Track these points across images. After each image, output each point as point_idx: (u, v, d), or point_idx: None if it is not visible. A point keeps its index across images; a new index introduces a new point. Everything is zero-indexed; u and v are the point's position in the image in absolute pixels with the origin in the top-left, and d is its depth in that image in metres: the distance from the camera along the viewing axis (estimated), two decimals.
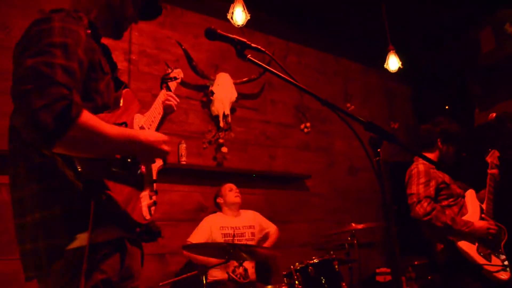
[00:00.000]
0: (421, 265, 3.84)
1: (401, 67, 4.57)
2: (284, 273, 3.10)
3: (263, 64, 1.50)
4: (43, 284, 1.31)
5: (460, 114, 5.57)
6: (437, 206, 2.91)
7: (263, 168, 4.53)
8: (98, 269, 1.26)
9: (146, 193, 1.46)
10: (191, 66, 4.15)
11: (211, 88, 4.18)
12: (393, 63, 4.56)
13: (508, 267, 2.88)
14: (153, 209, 1.47)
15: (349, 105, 5.51)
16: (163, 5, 4.14)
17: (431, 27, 5.36)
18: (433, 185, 2.98)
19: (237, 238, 3.48)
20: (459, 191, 3.11)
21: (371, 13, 4.71)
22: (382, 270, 4.41)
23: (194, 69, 4.16)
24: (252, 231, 3.66)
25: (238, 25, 3.60)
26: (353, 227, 3.57)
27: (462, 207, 3.05)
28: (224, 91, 4.17)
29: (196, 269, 3.02)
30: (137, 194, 1.40)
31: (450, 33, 5.50)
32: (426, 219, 2.86)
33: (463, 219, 2.93)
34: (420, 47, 5.71)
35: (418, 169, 3.06)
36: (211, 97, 4.18)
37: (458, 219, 2.89)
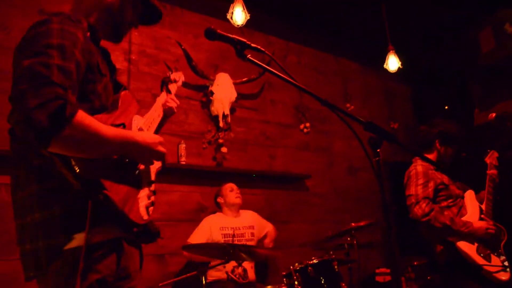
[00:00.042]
0: (420, 266, 3.83)
1: (400, 67, 4.57)
2: (283, 273, 3.10)
3: (263, 64, 1.50)
4: (42, 284, 1.32)
5: (460, 114, 5.58)
6: (435, 207, 2.91)
7: (263, 168, 4.52)
8: (93, 269, 1.27)
9: (144, 194, 1.46)
10: (190, 66, 4.15)
11: (210, 88, 4.18)
12: (392, 63, 4.56)
13: (508, 268, 2.88)
14: (151, 209, 1.48)
15: (348, 105, 5.51)
16: (163, 5, 4.18)
17: (431, 27, 5.36)
18: (432, 186, 2.99)
19: (237, 238, 3.48)
20: (458, 192, 3.11)
21: (371, 13, 4.71)
22: (381, 270, 4.41)
23: (193, 69, 4.16)
24: (251, 231, 3.66)
25: (237, 25, 3.60)
26: (353, 226, 3.56)
27: (461, 208, 3.05)
28: (223, 91, 4.16)
29: (195, 269, 3.02)
30: (135, 194, 1.41)
31: (450, 33, 5.50)
32: (424, 220, 2.86)
33: (462, 219, 2.93)
34: (420, 47, 5.71)
35: (416, 170, 3.06)
36: (211, 97, 4.18)
37: (457, 220, 2.89)
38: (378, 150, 1.35)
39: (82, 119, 1.22)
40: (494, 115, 3.14)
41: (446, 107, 5.83)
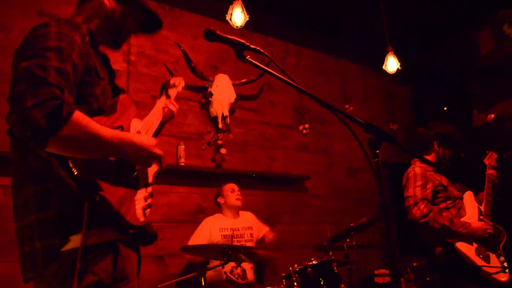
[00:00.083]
0: (420, 266, 3.84)
1: (399, 68, 4.57)
2: (283, 274, 3.09)
3: (262, 65, 1.50)
4: (39, 285, 1.33)
5: (459, 115, 5.58)
6: (434, 208, 2.92)
7: (262, 169, 4.52)
8: (90, 271, 1.28)
9: (141, 196, 1.47)
10: (189, 67, 4.15)
11: (210, 89, 4.18)
12: (391, 64, 4.56)
13: (507, 269, 2.88)
14: (147, 211, 1.48)
15: (347, 106, 5.52)
16: (162, 6, 4.18)
17: (430, 28, 5.36)
18: (430, 188, 2.99)
19: (237, 239, 3.48)
20: (457, 193, 3.11)
21: (370, 14, 4.72)
22: (380, 271, 4.42)
23: (193, 70, 4.16)
24: (250, 232, 3.65)
25: (237, 26, 3.60)
26: (352, 225, 3.55)
27: (460, 209, 3.05)
28: (223, 92, 4.16)
29: (194, 270, 3.02)
30: (132, 196, 1.42)
31: (449, 34, 5.51)
32: (423, 221, 2.86)
33: (461, 220, 2.94)
34: (419, 48, 5.72)
35: (414, 172, 3.07)
36: (210, 98, 4.18)
37: (455, 221, 2.89)
38: (377, 151, 1.35)
39: (79, 119, 1.23)
40: (493, 116, 3.15)
41: (445, 108, 5.83)
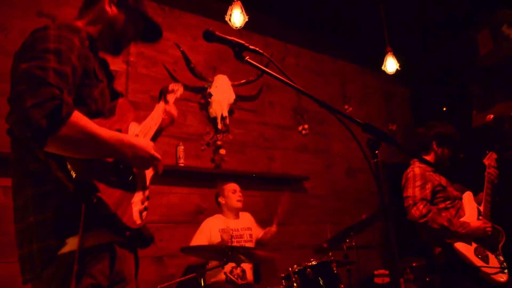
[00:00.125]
0: (419, 267, 3.84)
1: (398, 68, 4.57)
2: (282, 275, 3.09)
3: (261, 66, 1.50)
4: (37, 287, 1.33)
5: (458, 115, 5.58)
6: (433, 208, 2.92)
7: (261, 170, 4.52)
8: (87, 273, 1.29)
9: (138, 199, 1.48)
10: (189, 68, 4.15)
11: (209, 90, 4.18)
12: (390, 64, 4.56)
13: (506, 269, 2.88)
14: (144, 214, 1.49)
15: (347, 106, 5.52)
16: (161, 7, 4.18)
17: (429, 28, 5.37)
18: (429, 188, 2.99)
19: (236, 239, 3.47)
20: (456, 193, 3.12)
21: (369, 14, 4.72)
22: (380, 272, 4.41)
23: (192, 71, 4.16)
24: (250, 232, 3.65)
25: (236, 27, 3.60)
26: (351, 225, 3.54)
27: (459, 209, 3.05)
28: (222, 93, 4.16)
29: (194, 271, 3.02)
30: (129, 199, 1.43)
31: (448, 34, 5.51)
32: (422, 221, 2.87)
33: (460, 220, 2.94)
34: (418, 48, 5.72)
35: (414, 172, 3.07)
36: (209, 99, 4.18)
37: (454, 221, 2.90)
38: (376, 151, 1.35)
39: (78, 119, 1.24)
40: (492, 116, 3.15)
41: (444, 109, 5.84)
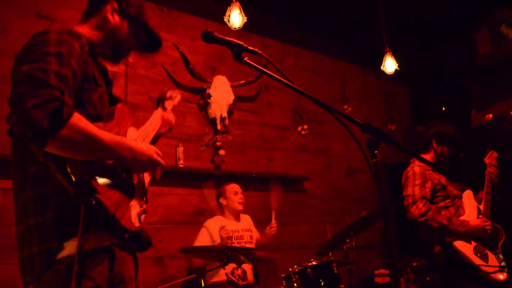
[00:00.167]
0: (419, 266, 3.84)
1: (397, 69, 4.57)
2: (282, 275, 3.09)
3: (260, 66, 1.50)
4: None
5: (458, 115, 5.59)
6: (432, 207, 2.92)
7: (261, 170, 4.52)
8: (86, 276, 1.30)
9: (136, 202, 1.49)
10: (188, 69, 4.15)
11: (208, 90, 4.18)
12: (389, 65, 4.56)
13: (505, 268, 2.88)
14: (143, 217, 1.50)
15: (346, 106, 5.52)
16: (160, 8, 4.18)
17: (429, 28, 5.37)
18: (429, 187, 2.99)
19: (237, 241, 3.47)
20: (456, 192, 3.12)
21: (368, 14, 4.71)
22: (380, 271, 4.41)
23: (191, 72, 4.16)
24: (250, 234, 3.65)
25: (234, 28, 3.60)
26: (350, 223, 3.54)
27: (459, 208, 3.05)
28: (221, 93, 4.16)
29: (194, 272, 3.01)
30: (127, 202, 1.44)
31: (447, 34, 5.51)
32: (421, 220, 2.87)
33: (459, 219, 2.94)
34: (418, 48, 5.72)
35: (413, 171, 3.07)
36: (208, 100, 4.18)
37: (454, 219, 2.90)
38: (375, 151, 1.35)
39: (78, 121, 1.26)
40: (491, 116, 3.15)
41: (443, 108, 5.84)
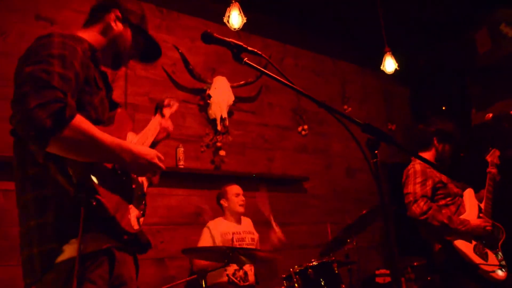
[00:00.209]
0: (420, 266, 3.83)
1: (397, 68, 4.57)
2: (283, 276, 3.09)
3: (260, 67, 1.50)
4: None
5: (458, 114, 5.58)
6: (433, 205, 2.91)
7: (261, 171, 4.52)
8: (87, 279, 1.30)
9: (135, 205, 1.50)
10: (188, 69, 4.16)
11: (208, 91, 4.18)
12: (389, 64, 4.56)
13: (505, 267, 2.88)
14: (141, 220, 1.51)
15: (346, 107, 5.52)
16: (159, 9, 4.18)
17: (428, 28, 5.37)
18: (430, 185, 2.99)
19: (238, 242, 3.46)
20: (457, 190, 3.11)
21: (368, 14, 4.72)
22: (381, 271, 4.41)
23: (191, 72, 4.16)
24: (252, 236, 3.64)
25: (234, 29, 3.60)
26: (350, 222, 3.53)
27: (459, 206, 3.04)
28: (221, 94, 4.17)
29: (195, 273, 3.01)
30: (126, 204, 1.45)
31: (447, 34, 5.51)
32: (422, 218, 2.86)
33: (460, 218, 2.93)
34: (418, 47, 5.72)
35: (414, 168, 3.06)
36: (208, 101, 4.18)
37: (454, 218, 2.89)
38: (376, 151, 1.35)
39: (80, 122, 1.27)
40: (491, 115, 3.15)
41: (443, 108, 5.84)
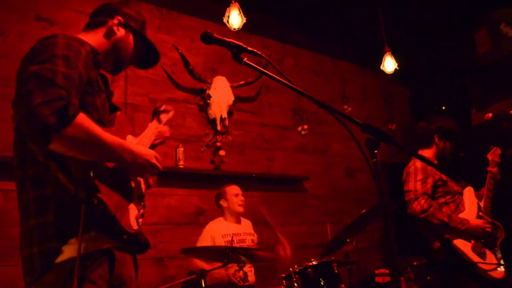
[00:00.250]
0: (420, 266, 3.84)
1: (397, 68, 4.57)
2: (283, 275, 3.09)
3: (259, 67, 1.50)
4: None
5: (457, 114, 5.58)
6: (434, 203, 2.92)
7: (261, 170, 4.53)
8: (87, 279, 1.31)
9: (134, 206, 1.51)
10: (187, 69, 4.16)
11: (208, 91, 4.18)
12: (389, 64, 4.57)
13: (502, 266, 2.88)
14: (140, 221, 1.53)
15: (346, 106, 5.53)
16: (159, 9, 4.18)
17: (428, 28, 5.37)
18: (431, 182, 2.99)
19: (239, 244, 3.45)
20: (457, 188, 3.11)
21: (368, 14, 4.72)
22: (381, 271, 4.42)
23: (191, 72, 4.17)
24: (252, 238, 3.64)
25: (234, 29, 3.60)
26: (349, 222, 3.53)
27: (459, 204, 3.04)
28: (221, 94, 4.17)
29: (195, 272, 3.01)
30: (126, 205, 1.46)
31: (447, 34, 5.51)
32: (422, 216, 2.87)
33: (460, 217, 2.93)
34: (417, 47, 5.72)
35: (415, 166, 3.06)
36: (208, 101, 4.18)
37: (454, 217, 2.89)
38: (375, 151, 1.35)
39: (83, 120, 1.28)
40: (490, 115, 3.14)
41: (443, 108, 5.84)
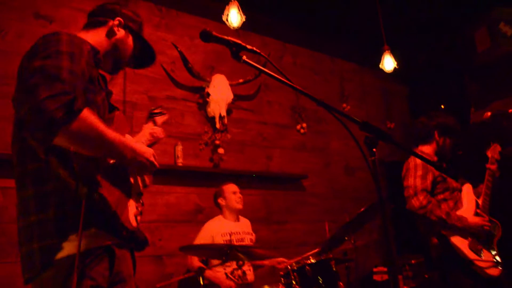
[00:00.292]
0: (418, 264, 3.85)
1: (396, 67, 4.56)
2: (281, 273, 3.10)
3: (259, 65, 1.50)
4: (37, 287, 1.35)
5: (456, 113, 5.58)
6: (433, 199, 2.92)
7: (260, 168, 4.53)
8: (87, 275, 1.31)
9: (133, 204, 1.53)
10: (187, 68, 4.16)
11: (207, 89, 4.18)
12: (388, 63, 4.55)
13: (499, 263, 2.89)
14: (139, 218, 1.54)
15: (345, 105, 5.53)
16: (158, 7, 4.18)
17: (427, 26, 5.37)
18: (430, 178, 2.99)
19: (238, 243, 3.46)
20: (456, 184, 3.11)
21: (367, 12, 4.72)
22: (379, 269, 4.42)
23: (190, 70, 4.17)
24: (250, 237, 3.65)
25: (233, 27, 3.60)
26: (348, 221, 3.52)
27: (457, 201, 3.05)
28: (220, 92, 4.17)
29: (192, 271, 3.02)
30: (125, 201, 1.48)
31: (446, 32, 5.51)
32: (421, 212, 2.87)
33: (457, 214, 2.94)
34: (416, 46, 5.72)
35: (415, 162, 3.06)
36: (207, 99, 4.18)
37: (452, 214, 2.90)
38: (374, 149, 1.36)
39: (88, 115, 1.30)
40: (489, 114, 3.15)
41: (442, 106, 5.85)
